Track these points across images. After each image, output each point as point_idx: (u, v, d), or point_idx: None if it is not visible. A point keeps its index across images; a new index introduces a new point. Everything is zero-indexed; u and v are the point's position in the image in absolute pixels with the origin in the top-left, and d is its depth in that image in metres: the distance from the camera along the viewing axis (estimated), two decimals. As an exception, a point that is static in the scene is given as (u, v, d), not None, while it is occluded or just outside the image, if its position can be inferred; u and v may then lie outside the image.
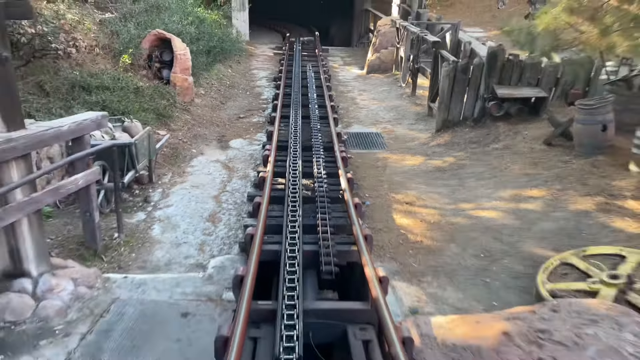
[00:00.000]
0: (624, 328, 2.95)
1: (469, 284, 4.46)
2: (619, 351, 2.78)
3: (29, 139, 3.51)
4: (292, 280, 3.66)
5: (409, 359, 2.90)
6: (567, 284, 4.09)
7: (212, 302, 4.07)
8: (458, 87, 8.48)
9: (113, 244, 4.97)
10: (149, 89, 8.19)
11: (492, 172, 6.66)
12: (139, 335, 3.56)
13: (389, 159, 7.85)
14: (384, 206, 6.07)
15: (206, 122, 9.14)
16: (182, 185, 6.68)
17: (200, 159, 7.64)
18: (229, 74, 12.46)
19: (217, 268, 4.63)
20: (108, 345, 3.43)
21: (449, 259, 4.86)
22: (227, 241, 5.31)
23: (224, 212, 5.98)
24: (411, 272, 4.69)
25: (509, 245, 4.97)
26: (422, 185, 6.65)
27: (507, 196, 5.91)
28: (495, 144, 7.44)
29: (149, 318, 3.78)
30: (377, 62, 14.38)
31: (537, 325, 3.08)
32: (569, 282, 4.13)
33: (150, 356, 3.33)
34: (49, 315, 3.65)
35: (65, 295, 3.84)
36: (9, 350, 3.28)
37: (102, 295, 4.07)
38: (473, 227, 5.38)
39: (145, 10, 10.55)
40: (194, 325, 3.73)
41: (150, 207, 5.98)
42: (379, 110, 10.69)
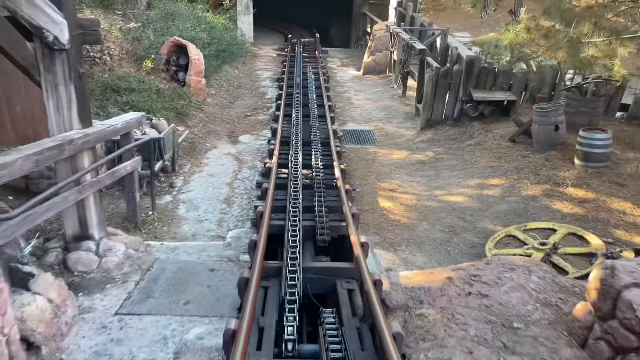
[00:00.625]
0: (532, 273, 4.12)
1: (434, 251, 5.64)
2: (524, 287, 3.95)
3: (97, 134, 4.67)
4: (294, 246, 4.75)
5: (378, 296, 4.04)
6: (507, 250, 5.27)
7: (232, 262, 5.24)
8: (440, 91, 9.63)
9: (149, 220, 6.14)
10: (168, 90, 9.34)
11: (463, 164, 7.83)
12: (178, 283, 4.73)
13: (378, 153, 9.01)
14: (371, 192, 7.24)
15: (217, 119, 10.30)
16: (200, 174, 7.84)
17: (214, 152, 8.80)
18: (236, 74, 13.61)
19: (234, 238, 5.80)
20: (156, 288, 4.59)
21: (420, 233, 6.03)
22: (240, 219, 6.47)
23: (237, 196, 7.15)
24: (389, 243, 5.86)
25: (469, 223, 6.14)
26: (404, 176, 7.82)
27: (473, 184, 7.08)
28: (469, 140, 8.61)
29: (184, 272, 4.94)
30: (372, 64, 15.53)
31: (472, 272, 4.25)
32: (509, 249, 5.31)
33: (189, 295, 4.50)
34: (110, 268, 4.82)
35: (119, 254, 5.00)
36: (85, 290, 4.44)
37: (146, 256, 5.23)
38: (442, 209, 6.55)
39: (161, 18, 11.69)
40: (219, 276, 4.90)
41: (175, 191, 7.15)
42: (372, 109, 11.84)
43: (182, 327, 3.99)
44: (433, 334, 3.62)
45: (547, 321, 3.62)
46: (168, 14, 12.02)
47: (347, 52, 19.83)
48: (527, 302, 3.80)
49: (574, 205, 6.00)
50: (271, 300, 4.23)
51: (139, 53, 9.90)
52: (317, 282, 4.62)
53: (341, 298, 4.36)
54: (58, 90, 4.34)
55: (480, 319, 3.67)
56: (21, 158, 3.47)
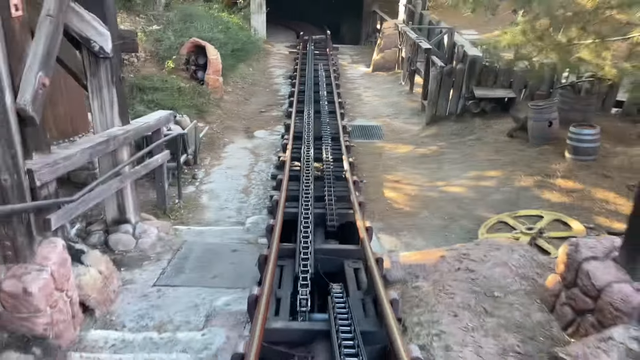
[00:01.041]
0: (515, 252, 4.72)
1: (433, 236, 6.24)
2: (506, 263, 4.55)
3: (134, 130, 5.34)
4: (307, 231, 5.35)
5: (379, 271, 4.66)
6: (498, 234, 5.86)
7: (251, 244, 5.89)
8: (444, 88, 10.19)
9: (175, 207, 6.82)
10: (189, 89, 10.02)
11: (464, 158, 8.41)
12: (205, 261, 5.40)
13: (385, 147, 9.61)
14: (377, 183, 7.85)
15: (234, 115, 10.96)
16: (220, 167, 8.51)
17: (231, 146, 9.46)
18: (250, 72, 14.26)
19: (252, 223, 6.46)
20: (187, 265, 5.27)
21: (421, 221, 6.64)
22: (257, 207, 7.13)
23: (254, 187, 7.81)
24: (392, 228, 6.48)
25: (466, 211, 6.74)
26: (408, 168, 8.42)
27: (472, 176, 7.66)
28: (470, 135, 9.17)
29: (210, 252, 5.61)
30: (381, 62, 16.07)
31: (462, 252, 4.86)
32: (499, 233, 5.90)
33: (215, 271, 5.17)
34: (145, 248, 5.50)
35: (153, 236, 5.68)
36: (126, 266, 5.12)
37: (175, 238, 5.91)
38: (442, 199, 7.15)
39: (180, 19, 12.36)
40: (240, 256, 5.56)
41: (197, 182, 7.83)
42: (380, 105, 12.43)
43: (210, 297, 4.66)
44: (425, 302, 4.24)
45: (524, 291, 4.22)
46: (186, 15, 12.68)
47: (357, 49, 20.36)
48: (508, 276, 4.41)
49: (562, 194, 6.56)
50: (286, 277, 4.84)
51: (161, 54, 10.58)
52: (327, 262, 5.20)
53: (348, 275, 4.97)
54: (102, 92, 5.01)
55: (466, 289, 4.28)
56: (79, 151, 4.15)
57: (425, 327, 3.88)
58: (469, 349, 3.53)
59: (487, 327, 3.78)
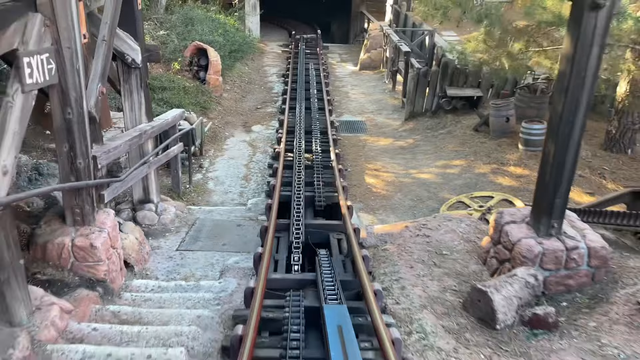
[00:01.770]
0: (462, 222, 5.98)
1: (404, 214, 7.50)
2: (455, 230, 5.82)
3: (158, 126, 6.53)
4: (299, 210, 6.56)
5: (356, 238, 5.90)
6: (455, 211, 7.13)
7: (252, 220, 7.11)
8: (421, 88, 11.44)
9: (187, 191, 8.02)
10: (192, 88, 11.18)
11: (435, 149, 9.68)
12: (216, 233, 6.62)
13: (368, 140, 10.85)
14: (359, 171, 9.10)
15: (233, 112, 12.15)
16: (222, 157, 9.71)
17: (232, 140, 10.66)
18: (246, 71, 15.41)
19: (253, 204, 7.68)
20: (201, 236, 6.49)
21: (394, 202, 7.90)
22: (256, 191, 8.35)
23: (253, 174, 9.03)
24: (371, 208, 7.73)
25: (432, 193, 8.01)
26: (387, 158, 9.67)
27: (440, 165, 8.93)
28: (442, 130, 10.44)
29: (219, 226, 6.83)
30: (368, 61, 17.29)
31: (422, 223, 6.12)
32: (457, 210, 7.17)
33: (224, 240, 6.39)
34: (166, 223, 6.70)
35: (171, 214, 6.88)
36: (152, 236, 6.33)
37: (189, 215, 7.12)
38: (413, 184, 8.41)
39: (182, 22, 13.48)
40: (244, 229, 6.79)
41: (203, 170, 9.02)
42: (366, 102, 13.66)
43: (222, 258, 5.89)
44: (390, 259, 5.49)
45: (466, 250, 5.49)
46: (188, 19, 13.80)
47: (346, 48, 21.53)
48: (455, 240, 5.67)
49: (512, 179, 7.86)
50: (282, 245, 6.05)
51: (167, 56, 11.71)
52: (315, 234, 6.41)
53: (332, 243, 6.18)
54: (132, 95, 6.19)
55: (422, 249, 5.54)
56: (123, 143, 5.34)
57: (388, 276, 5.14)
58: (419, 288, 4.79)
59: (434, 275, 5.04)
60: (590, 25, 3.72)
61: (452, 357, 3.73)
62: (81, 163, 4.36)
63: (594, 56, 3.85)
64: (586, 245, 4.64)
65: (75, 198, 4.50)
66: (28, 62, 3.43)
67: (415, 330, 4.10)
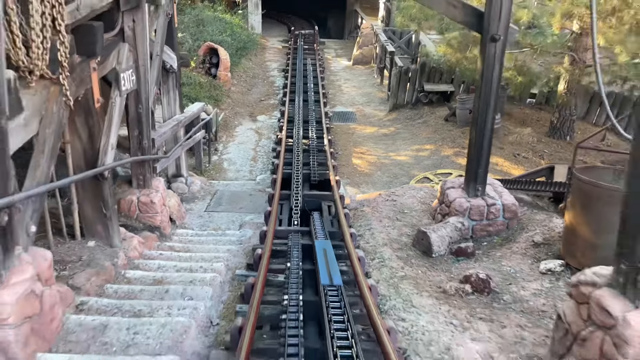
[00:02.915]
0: (422, 191, 7.90)
1: (381, 187, 9.39)
2: (415, 197, 7.73)
3: (188, 117, 8.39)
4: (297, 184, 8.46)
5: (341, 203, 7.80)
6: (421, 184, 9.03)
7: (261, 191, 9.01)
8: (402, 83, 13.29)
9: (207, 169, 9.91)
10: (206, 83, 13.01)
11: (411, 136, 11.57)
12: (233, 200, 8.53)
13: (357, 128, 12.73)
14: (348, 154, 10.98)
15: (241, 103, 13.99)
16: (233, 142, 11.59)
17: (240, 128, 12.53)
18: (251, 66, 17.23)
19: (261, 179, 9.59)
20: (222, 202, 8.40)
21: (374, 178, 9.80)
22: (263, 170, 10.24)
23: (259, 157, 10.91)
24: (355, 183, 9.63)
25: (405, 171, 9.91)
26: (371, 143, 11.56)
27: (414, 149, 10.83)
28: (419, 119, 12.32)
29: (235, 195, 8.74)
30: (360, 57, 19.10)
31: (392, 191, 8.02)
32: (423, 184, 9.08)
33: (240, 205, 8.30)
34: (194, 192, 8.60)
35: (197, 185, 8.78)
36: (185, 202, 8.22)
37: (211, 187, 9.01)
38: (391, 164, 10.31)
39: (194, 24, 15.26)
40: (255, 198, 8.70)
41: (219, 153, 10.90)
42: (356, 95, 15.52)
43: (240, 216, 7.80)
44: (365, 217, 7.40)
45: (421, 210, 7.40)
46: (199, 20, 15.59)
47: (341, 43, 23.31)
48: (414, 203, 7.59)
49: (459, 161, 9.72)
50: (285, 210, 7.93)
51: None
52: (310, 202, 8.28)
53: (323, 208, 8.05)
54: (169, 93, 8.04)
55: (389, 209, 7.45)
56: (169, 129, 7.22)
57: (363, 227, 7.05)
58: (383, 234, 6.70)
59: (395, 226, 6.96)
60: (491, 51, 5.61)
61: (399, 271, 5.64)
62: (146, 143, 6.25)
63: (496, 71, 5.74)
64: (502, 203, 6.56)
65: (140, 168, 6.39)
66: (122, 76, 5.29)
67: (377, 258, 6.02)
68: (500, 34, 5.51)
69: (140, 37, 5.62)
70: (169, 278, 4.86)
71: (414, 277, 5.47)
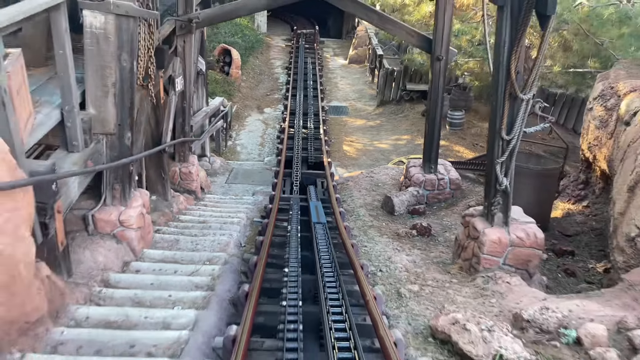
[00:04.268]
0: (393, 170, 10.18)
1: (364, 168, 11.67)
2: (388, 174, 10.02)
3: (211, 109, 10.65)
4: (297, 164, 10.74)
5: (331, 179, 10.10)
6: (395, 166, 11.32)
7: (268, 170, 11.29)
8: (389, 82, 15.54)
9: (224, 152, 12.19)
10: (221, 80, 15.24)
11: (393, 128, 13.84)
12: (247, 175, 10.82)
13: (348, 120, 14.98)
14: (339, 142, 13.25)
15: (249, 97, 16.24)
16: (244, 131, 13.85)
17: (250, 118, 14.78)
18: (257, 64, 19.44)
19: (268, 161, 11.87)
20: (238, 176, 10.69)
21: (360, 161, 12.07)
22: (269, 153, 12.52)
23: (266, 143, 13.19)
24: (344, 165, 11.92)
25: (385, 156, 12.19)
26: (360, 134, 13.82)
27: (394, 138, 13.10)
28: (401, 114, 14.58)
29: (248, 172, 11.03)
30: (355, 56, 21.30)
31: (371, 170, 10.30)
32: (396, 165, 11.36)
33: (252, 179, 10.60)
34: (216, 169, 10.89)
35: (218, 164, 11.07)
36: (209, 176, 10.51)
37: (228, 166, 11.30)
38: (374, 151, 12.58)
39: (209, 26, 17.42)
40: (264, 174, 11.00)
41: (232, 139, 13.18)
42: (350, 91, 17.75)
43: (253, 187, 10.09)
44: (349, 189, 9.69)
45: (392, 184, 9.68)
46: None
47: (339, 43, 25.48)
48: (387, 179, 9.87)
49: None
50: (287, 184, 10.25)
51: (201, 54, 15.71)
52: (307, 179, 10.55)
53: (317, 183, 10.40)
54: (199, 90, 10.29)
55: (367, 183, 9.73)
56: (200, 118, 9.49)
57: (346, 195, 9.34)
58: (360, 200, 8.99)
59: (370, 195, 9.24)
60: (437, 67, 7.88)
61: (368, 222, 7.92)
62: (187, 129, 8.52)
63: (441, 81, 8.01)
64: (449, 178, 8.85)
65: (182, 147, 8.67)
66: (177, 80, 7.55)
67: (354, 214, 8.31)
68: (442, 55, 7.78)
69: (188, 53, 7.89)
70: (209, 220, 7.17)
71: (378, 227, 7.78)
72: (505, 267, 5.39)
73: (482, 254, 5.39)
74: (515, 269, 5.38)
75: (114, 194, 5.30)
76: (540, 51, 4.69)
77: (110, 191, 5.28)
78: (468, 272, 5.56)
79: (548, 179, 7.66)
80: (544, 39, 4.63)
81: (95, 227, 5.17)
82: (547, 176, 7.64)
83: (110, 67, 4.80)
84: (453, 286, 5.12)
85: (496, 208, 5.38)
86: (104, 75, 4.80)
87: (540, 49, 4.70)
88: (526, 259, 5.39)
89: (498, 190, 5.31)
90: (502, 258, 5.38)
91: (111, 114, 4.94)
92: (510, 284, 4.94)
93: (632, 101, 6.79)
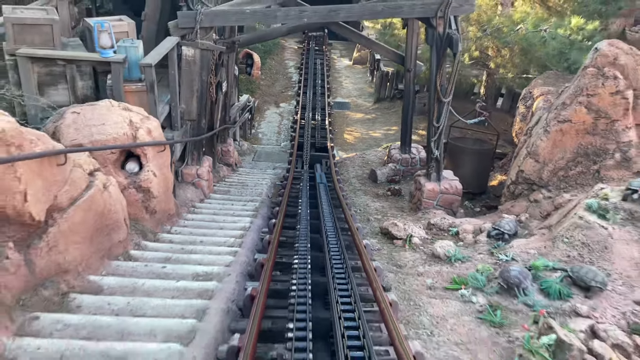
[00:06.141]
0: (380, 152, 13.31)
1: (361, 150, 14.81)
2: (376, 155, 13.15)
3: (241, 104, 13.83)
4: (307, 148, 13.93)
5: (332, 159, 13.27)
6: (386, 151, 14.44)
7: (284, 152, 14.48)
8: (384, 83, 18.63)
9: (249, 138, 15.39)
10: (245, 79, 18.40)
11: (385, 120, 16.94)
12: (268, 156, 14.02)
13: (350, 114, 18.10)
14: (341, 132, 16.40)
15: (267, 94, 19.40)
16: (264, 122, 17.04)
17: (268, 112, 17.96)
18: (274, 65, 22.58)
19: (284, 145, 15.07)
20: (261, 156, 13.90)
21: (357, 146, 15.22)
22: (285, 139, 15.71)
23: (282, 131, 16.37)
24: (344, 149, 15.08)
25: (377, 143, 15.31)
26: (358, 125, 16.95)
27: (385, 129, 16.20)
28: (393, 109, 17.68)
29: (269, 153, 14.24)
30: (358, 58, 24.36)
31: (364, 152, 13.44)
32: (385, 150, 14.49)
33: (273, 159, 13.80)
34: (244, 150, 14.11)
35: (245, 147, 14.28)
36: (240, 155, 13.72)
37: (252, 148, 14.50)
38: (369, 139, 15.71)
39: (234, 33, 20.59)
40: (281, 155, 14.19)
41: (254, 128, 16.37)
42: (352, 89, 20.85)
43: (273, 164, 13.30)
44: (345, 165, 12.85)
45: (378, 162, 12.80)
46: (237, 30, 20.93)
47: (345, 44, 28.48)
48: (375, 157, 13.00)
49: (419, 136, 15.12)
50: (299, 163, 13.45)
51: (228, 58, 18.89)
52: (315, 159, 13.78)
53: (322, 163, 13.62)
54: (232, 89, 13.48)
55: (359, 161, 12.88)
56: (235, 110, 12.69)
57: (343, 170, 12.50)
58: (353, 172, 12.13)
59: (361, 169, 12.38)
60: (408, 77, 11.00)
61: (357, 187, 11.06)
62: (228, 118, 11.73)
63: (411, 88, 11.14)
64: (419, 157, 11.98)
65: (223, 131, 11.88)
66: (223, 84, 10.73)
67: (348, 182, 11.46)
68: (411, 68, 10.89)
69: (230, 64, 11.08)
70: (246, 182, 10.39)
71: (364, 190, 10.95)
72: (437, 207, 8.56)
73: (423, 198, 8.56)
74: (443, 209, 8.54)
75: (193, 157, 8.54)
76: (453, 72, 7.83)
77: (191, 155, 8.52)
78: (414, 211, 8.73)
79: (484, 156, 10.79)
80: (455, 65, 7.77)
81: (182, 178, 8.40)
82: (484, 154, 10.78)
83: (195, 80, 8.02)
84: (403, 215, 8.30)
85: (432, 170, 8.54)
86: (191, 84, 8.02)
87: (453, 70, 7.84)
88: (451, 202, 8.56)
89: (432, 159, 8.46)
90: (435, 201, 8.55)
91: (195, 108, 8.16)
92: (436, 214, 8.11)
93: (539, 102, 9.90)
